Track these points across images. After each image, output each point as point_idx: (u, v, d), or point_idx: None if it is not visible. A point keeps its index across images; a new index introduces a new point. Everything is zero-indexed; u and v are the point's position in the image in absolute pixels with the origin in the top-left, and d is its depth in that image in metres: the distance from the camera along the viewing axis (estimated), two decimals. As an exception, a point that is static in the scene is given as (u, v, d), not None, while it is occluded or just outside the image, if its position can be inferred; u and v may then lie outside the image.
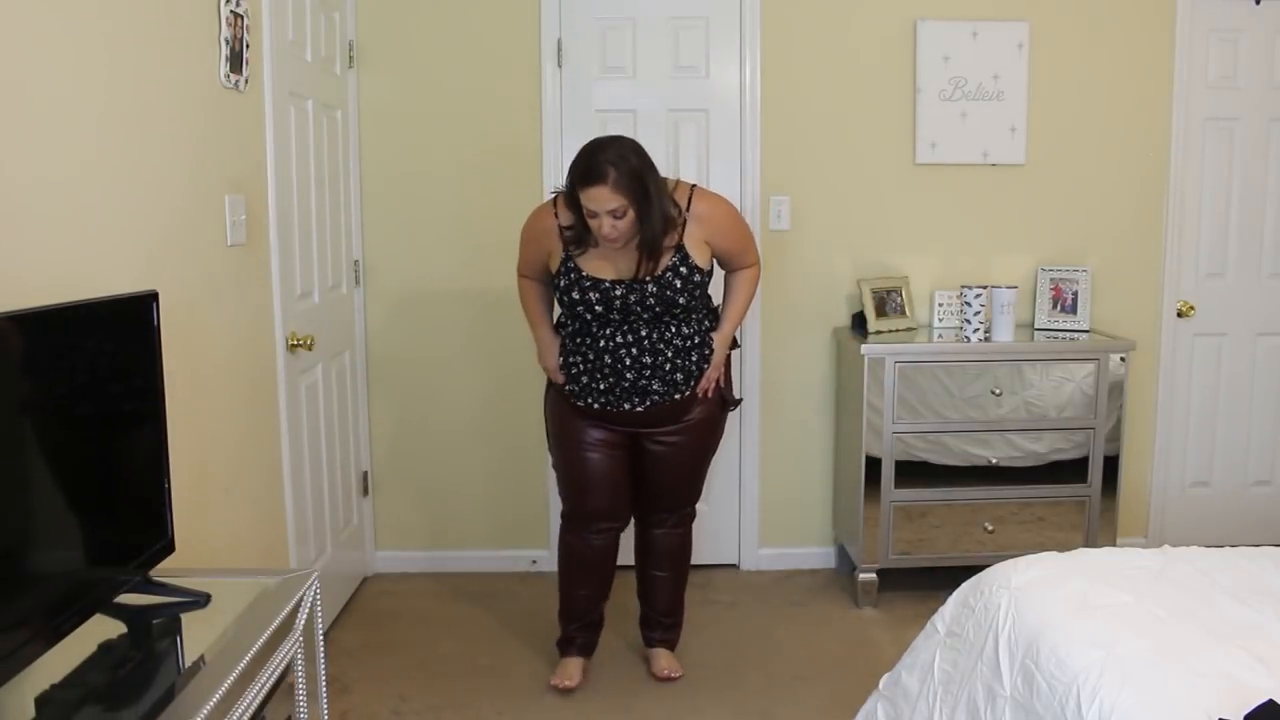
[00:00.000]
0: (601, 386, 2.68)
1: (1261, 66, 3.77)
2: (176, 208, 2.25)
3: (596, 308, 2.61)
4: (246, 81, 2.58)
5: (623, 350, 2.64)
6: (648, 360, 2.64)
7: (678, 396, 2.71)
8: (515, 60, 3.62)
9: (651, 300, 2.59)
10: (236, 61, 2.52)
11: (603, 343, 2.65)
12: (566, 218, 2.60)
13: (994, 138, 3.69)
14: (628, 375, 2.65)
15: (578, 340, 2.70)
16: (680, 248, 2.60)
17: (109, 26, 1.97)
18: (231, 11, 2.47)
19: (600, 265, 2.61)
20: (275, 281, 2.80)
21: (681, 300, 2.60)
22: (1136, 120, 3.75)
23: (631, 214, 2.47)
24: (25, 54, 1.71)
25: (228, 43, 2.47)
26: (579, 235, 2.58)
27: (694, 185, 2.68)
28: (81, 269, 1.86)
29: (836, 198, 3.72)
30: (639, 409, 2.69)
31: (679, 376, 2.69)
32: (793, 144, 3.68)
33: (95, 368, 1.62)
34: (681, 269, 2.59)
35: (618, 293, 2.59)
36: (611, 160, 2.43)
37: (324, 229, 3.24)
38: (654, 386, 2.67)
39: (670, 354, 2.66)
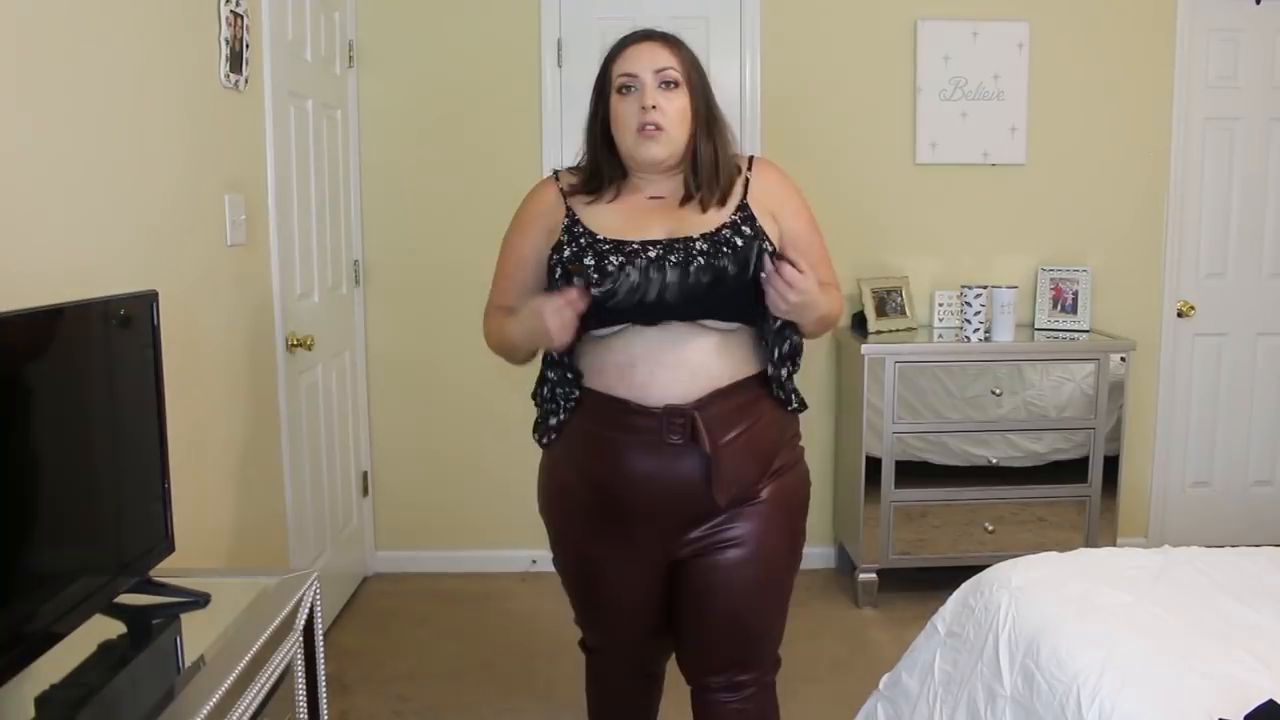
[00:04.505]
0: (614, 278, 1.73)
1: (1261, 66, 3.77)
2: (176, 207, 2.25)
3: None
4: (246, 81, 2.58)
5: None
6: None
7: (732, 267, 1.73)
8: (515, 60, 3.62)
9: (701, 260, 1.72)
10: (236, 61, 2.52)
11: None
12: (569, 178, 1.90)
13: (994, 138, 3.69)
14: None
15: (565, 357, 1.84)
16: (744, 206, 1.82)
17: (108, 27, 1.97)
18: (231, 11, 2.47)
19: (619, 224, 1.80)
20: (275, 281, 2.80)
21: (733, 268, 1.72)
22: (1136, 120, 3.75)
23: (685, 99, 1.81)
24: (25, 54, 1.71)
25: (227, 43, 2.47)
26: (594, 170, 1.86)
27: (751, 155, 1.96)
28: (81, 268, 1.86)
29: (836, 198, 3.71)
30: (670, 298, 1.72)
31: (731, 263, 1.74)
32: (793, 144, 3.67)
33: (95, 367, 1.62)
34: (744, 228, 1.78)
35: (651, 254, 1.74)
36: (664, 33, 1.92)
37: (324, 229, 3.24)
38: (691, 270, 1.73)
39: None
